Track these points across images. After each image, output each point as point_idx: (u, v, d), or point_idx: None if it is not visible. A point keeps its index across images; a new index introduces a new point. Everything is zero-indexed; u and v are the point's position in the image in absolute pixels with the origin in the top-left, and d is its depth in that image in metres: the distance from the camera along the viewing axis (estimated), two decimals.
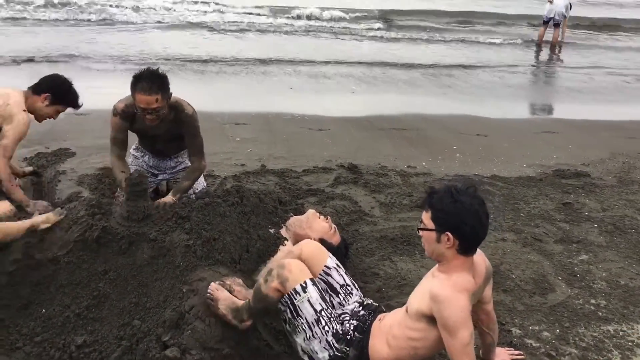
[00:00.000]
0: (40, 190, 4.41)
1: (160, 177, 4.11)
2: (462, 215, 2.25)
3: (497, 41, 14.92)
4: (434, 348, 2.37)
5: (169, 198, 3.54)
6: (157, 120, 3.54)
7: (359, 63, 11.17)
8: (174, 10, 15.01)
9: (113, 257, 2.89)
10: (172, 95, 3.59)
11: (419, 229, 2.39)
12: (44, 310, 2.80)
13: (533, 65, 12.69)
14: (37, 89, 3.88)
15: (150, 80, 3.40)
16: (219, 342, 2.54)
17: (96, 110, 5.53)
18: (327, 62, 10.99)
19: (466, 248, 2.31)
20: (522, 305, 3.37)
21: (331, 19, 15.96)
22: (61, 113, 4.05)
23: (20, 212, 3.71)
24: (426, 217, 2.34)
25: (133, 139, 4.05)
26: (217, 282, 2.71)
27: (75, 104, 4.01)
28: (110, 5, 14.53)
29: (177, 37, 12.41)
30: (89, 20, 13.38)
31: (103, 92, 6.39)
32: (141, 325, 2.68)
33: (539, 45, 15.01)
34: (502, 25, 17.63)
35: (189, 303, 2.66)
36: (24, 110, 3.75)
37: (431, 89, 9.54)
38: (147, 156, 4.06)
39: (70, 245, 2.89)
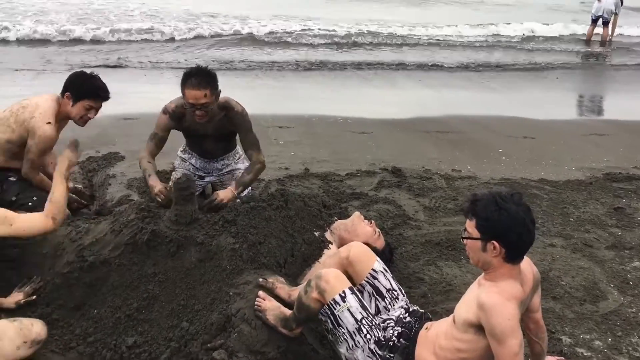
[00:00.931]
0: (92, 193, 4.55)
1: (207, 180, 4.17)
2: (508, 224, 2.20)
3: (544, 45, 14.59)
4: (483, 359, 2.33)
5: (230, 191, 3.53)
6: (206, 116, 3.59)
7: (401, 66, 11.13)
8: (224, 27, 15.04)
9: (162, 260, 2.95)
10: (221, 94, 3.64)
11: (463, 237, 2.35)
12: (96, 311, 2.88)
13: (581, 65, 12.37)
14: (62, 93, 3.77)
15: (199, 76, 3.49)
16: (265, 346, 2.57)
17: (145, 114, 5.68)
18: (367, 66, 10.98)
19: (513, 256, 2.26)
20: (572, 313, 3.28)
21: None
22: (103, 115, 3.89)
23: (74, 215, 3.85)
24: (470, 225, 2.30)
25: (180, 141, 4.13)
26: (261, 279, 2.78)
27: (95, 93, 3.74)
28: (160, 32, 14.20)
29: (222, 48, 12.57)
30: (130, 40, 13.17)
31: (151, 96, 6.57)
32: (189, 327, 2.74)
33: (587, 44, 14.64)
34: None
35: (236, 306, 2.70)
36: (48, 123, 3.62)
37: (475, 91, 9.41)
38: (194, 158, 4.13)
39: (121, 248, 2.96)
